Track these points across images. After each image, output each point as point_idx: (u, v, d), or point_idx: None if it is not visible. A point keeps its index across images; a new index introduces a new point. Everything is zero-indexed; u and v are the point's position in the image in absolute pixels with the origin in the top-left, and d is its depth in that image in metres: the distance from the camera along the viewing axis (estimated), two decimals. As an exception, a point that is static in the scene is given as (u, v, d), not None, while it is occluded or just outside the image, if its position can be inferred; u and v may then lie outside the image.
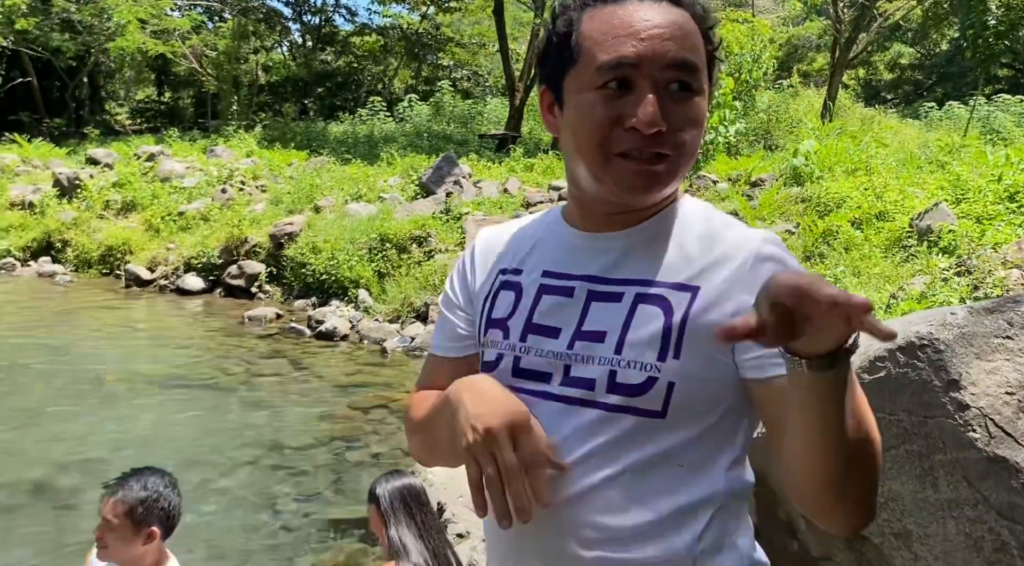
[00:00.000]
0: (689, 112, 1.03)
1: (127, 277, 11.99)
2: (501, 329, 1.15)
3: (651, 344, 1.03)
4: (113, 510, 2.13)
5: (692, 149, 1.04)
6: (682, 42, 1.02)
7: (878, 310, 5.72)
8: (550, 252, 1.17)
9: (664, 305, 1.04)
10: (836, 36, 18.54)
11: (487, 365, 1.16)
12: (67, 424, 6.13)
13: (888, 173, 9.54)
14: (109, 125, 26.41)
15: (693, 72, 1.03)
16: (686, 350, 1.02)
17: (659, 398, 1.02)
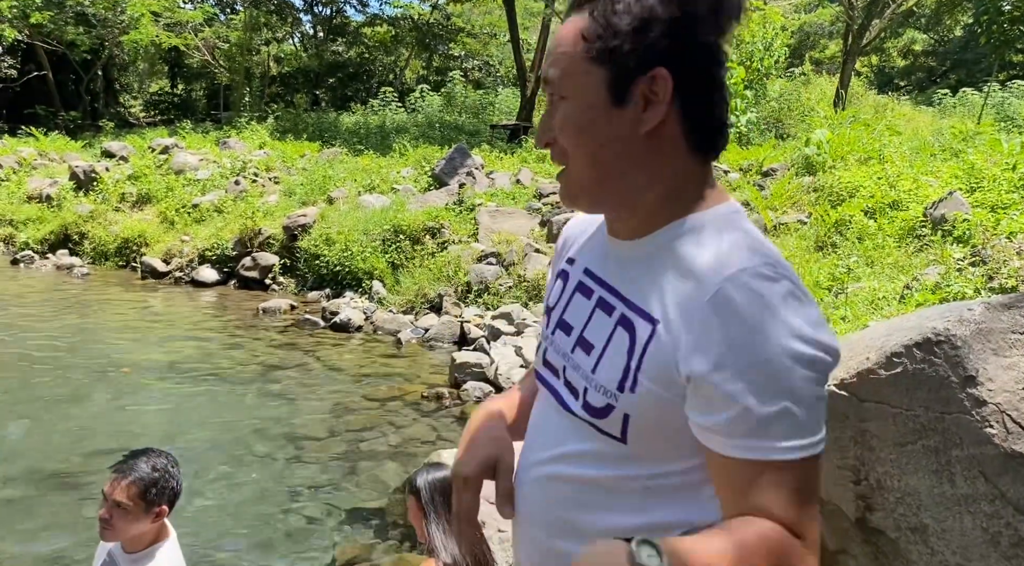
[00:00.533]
0: (556, 120, 1.04)
1: (143, 269, 12.09)
2: (548, 316, 1.23)
3: (615, 372, 1.03)
4: (127, 492, 2.18)
5: (576, 151, 1.02)
6: (552, 56, 1.04)
7: (892, 300, 5.71)
8: (595, 250, 1.19)
9: (631, 333, 1.02)
10: (849, 23, 18.39)
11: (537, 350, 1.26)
12: (85, 415, 6.21)
13: (902, 161, 9.48)
14: (123, 117, 26.56)
15: (551, 84, 1.04)
16: (641, 387, 1.00)
17: (616, 426, 1.03)
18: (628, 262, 1.08)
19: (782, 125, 15.44)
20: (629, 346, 1.02)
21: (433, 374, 7.55)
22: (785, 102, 16.11)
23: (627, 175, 1.02)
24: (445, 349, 8.38)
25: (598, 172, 1.03)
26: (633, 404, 1.00)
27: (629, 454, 1.04)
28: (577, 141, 1.02)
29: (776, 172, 10.35)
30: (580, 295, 1.16)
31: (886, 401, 1.90)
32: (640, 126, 1.00)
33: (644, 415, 1.00)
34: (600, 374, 1.04)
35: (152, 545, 2.28)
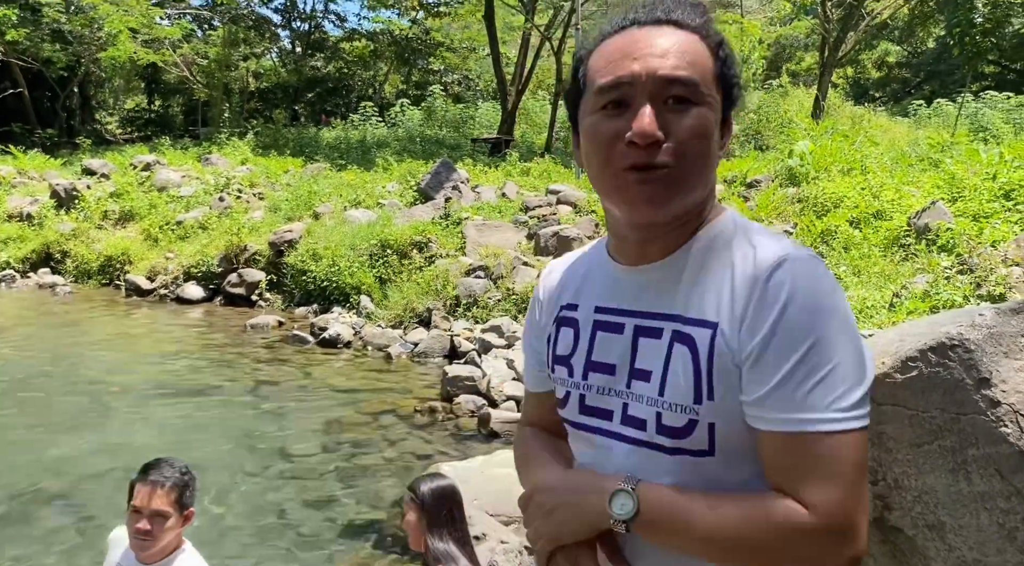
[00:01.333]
0: (688, 122, 1.02)
1: (127, 287, 12.00)
2: (566, 366, 1.19)
3: (686, 386, 1.03)
4: (167, 498, 2.19)
5: (696, 159, 1.03)
6: (679, 58, 1.03)
7: (881, 308, 5.81)
8: (600, 286, 1.19)
9: (691, 344, 1.04)
10: (825, 35, 18.70)
11: (560, 401, 1.21)
12: (73, 435, 6.14)
13: (883, 172, 9.65)
14: (100, 134, 26.35)
15: (690, 86, 1.02)
16: (718, 390, 1.02)
17: (703, 439, 1.04)
18: (661, 283, 1.10)
19: (761, 137, 15.65)
20: (693, 357, 1.04)
21: (425, 388, 7.55)
22: (764, 114, 16.33)
23: (703, 190, 1.08)
24: (435, 363, 8.39)
25: (700, 178, 1.06)
26: (716, 410, 1.02)
27: (717, 466, 1.05)
28: (702, 146, 1.03)
29: (760, 183, 10.49)
30: (606, 333, 1.15)
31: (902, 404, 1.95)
32: (720, 148, 1.09)
33: (728, 419, 1.02)
34: (670, 394, 1.05)
35: (172, 554, 2.28)
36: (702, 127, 1.03)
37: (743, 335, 1.00)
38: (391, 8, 25.44)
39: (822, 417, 0.96)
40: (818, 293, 0.99)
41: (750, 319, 1.00)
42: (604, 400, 1.14)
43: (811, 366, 0.96)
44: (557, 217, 10.91)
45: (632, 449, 1.10)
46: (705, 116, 1.03)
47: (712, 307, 1.04)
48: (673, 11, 1.07)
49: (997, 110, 16.10)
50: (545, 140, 18.67)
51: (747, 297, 1.01)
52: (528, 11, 18.76)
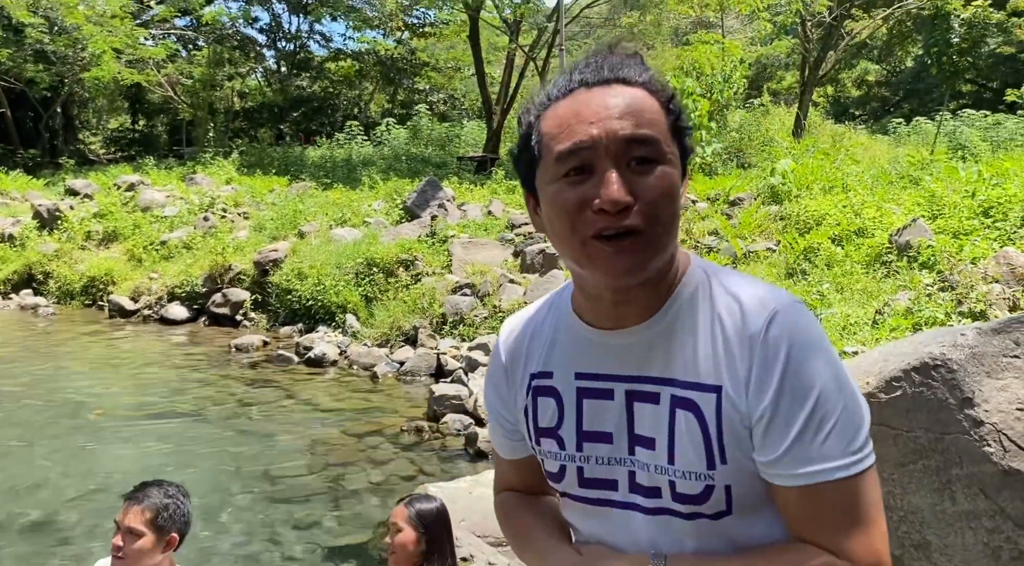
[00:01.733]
0: (655, 182, 0.99)
1: (110, 308, 11.91)
2: (555, 439, 1.14)
3: (697, 454, 1.03)
4: (140, 517, 2.17)
5: (667, 220, 1.00)
6: (636, 117, 1.00)
7: (864, 325, 5.86)
8: (575, 352, 1.14)
9: (696, 411, 1.03)
10: (805, 55, 18.95)
11: (552, 475, 1.17)
12: (56, 459, 6.08)
13: (864, 190, 9.76)
14: (83, 154, 26.21)
15: (650, 145, 1.00)
16: (730, 453, 1.02)
17: (721, 500, 1.04)
18: (647, 346, 1.07)
19: (744, 154, 15.77)
20: (700, 423, 1.02)
21: (411, 408, 7.52)
22: (746, 132, 16.47)
23: (675, 243, 1.06)
24: (422, 382, 8.36)
25: (673, 236, 1.03)
26: (730, 473, 1.02)
27: (735, 523, 1.05)
28: (670, 208, 1.01)
29: (743, 201, 10.58)
30: (594, 400, 1.11)
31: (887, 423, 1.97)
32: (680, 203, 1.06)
33: (742, 478, 1.03)
34: (681, 462, 1.04)
35: None
36: (668, 186, 1.00)
37: (751, 398, 1.00)
38: (376, 29, 25.54)
39: (840, 464, 0.98)
40: (813, 342, 1.00)
41: (755, 380, 1.00)
42: (606, 470, 1.11)
43: (822, 416, 0.97)
44: (543, 235, 10.94)
45: (647, 518, 1.08)
46: (669, 174, 1.01)
47: (710, 369, 1.03)
48: (619, 69, 1.05)
49: (975, 128, 16.34)
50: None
51: (748, 358, 1.00)
52: (512, 32, 18.91)
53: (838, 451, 0.97)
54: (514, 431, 1.23)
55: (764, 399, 0.99)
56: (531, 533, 1.23)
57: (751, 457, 1.02)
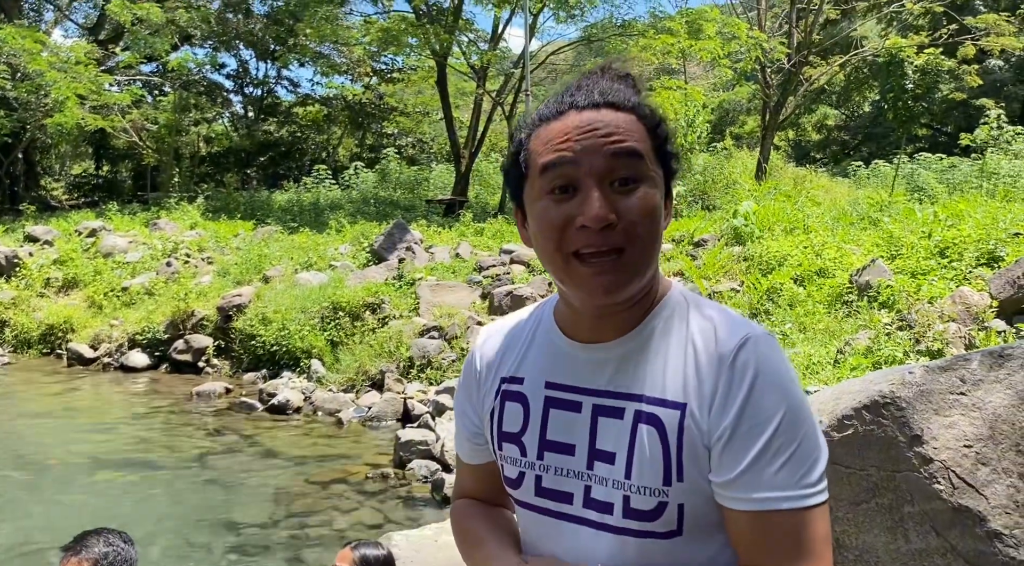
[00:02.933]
0: (638, 202, 1.02)
1: (69, 356, 11.63)
2: (517, 444, 1.15)
3: (654, 469, 1.03)
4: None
5: (649, 239, 1.03)
6: (621, 136, 1.03)
7: (827, 364, 5.91)
8: (549, 361, 1.15)
9: (659, 426, 1.04)
10: (765, 100, 19.41)
11: (510, 481, 1.17)
12: (12, 510, 5.89)
13: (824, 231, 9.94)
14: (45, 201, 25.84)
15: (634, 161, 1.02)
16: (687, 471, 1.02)
17: (673, 519, 1.04)
18: (619, 362, 1.09)
19: (708, 197, 16.02)
20: (661, 438, 1.03)
21: (377, 454, 7.41)
22: (709, 175, 16.76)
23: (656, 265, 1.09)
24: (388, 427, 8.25)
25: (653, 257, 1.06)
26: (685, 491, 1.03)
27: (684, 545, 1.05)
28: (652, 228, 1.03)
29: (707, 242, 10.71)
30: (561, 411, 1.12)
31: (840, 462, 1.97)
32: (665, 224, 1.09)
33: (696, 498, 1.03)
34: (638, 477, 1.04)
35: None
36: (650, 207, 1.03)
37: (713, 417, 1.01)
38: (344, 74, 25.73)
39: (793, 495, 0.98)
40: (780, 373, 1.02)
41: (719, 400, 1.01)
42: (563, 482, 1.11)
43: (779, 446, 0.99)
44: (511, 276, 10.96)
45: (597, 534, 1.08)
46: (651, 195, 1.04)
47: (678, 387, 1.05)
48: (608, 93, 1.08)
49: (931, 171, 16.79)
50: (499, 201, 18.89)
51: (715, 378, 1.02)
52: (479, 78, 19.16)
53: (791, 482, 0.98)
54: (478, 434, 1.24)
55: (725, 420, 1.00)
56: (481, 540, 1.23)
57: (707, 478, 1.02)
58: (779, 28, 20.85)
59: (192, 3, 24.30)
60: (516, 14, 18.66)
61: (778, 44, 18.53)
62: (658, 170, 1.07)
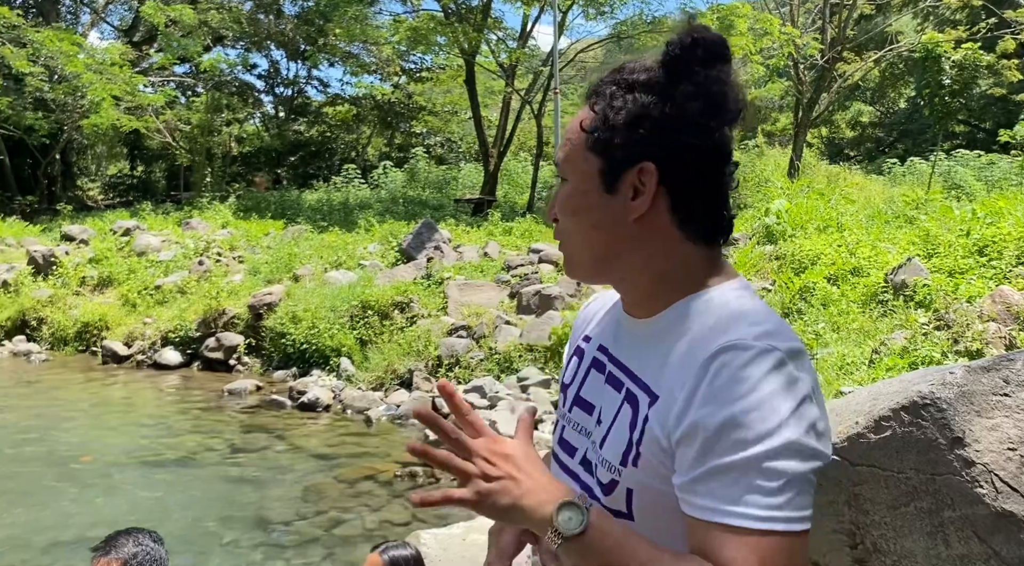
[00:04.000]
0: (559, 200, 1.13)
1: (103, 353, 11.81)
2: (565, 395, 1.24)
3: (618, 448, 1.04)
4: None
5: (572, 232, 1.12)
6: (561, 141, 1.14)
7: (861, 365, 5.80)
8: (609, 327, 1.22)
9: (635, 408, 1.04)
10: (798, 97, 19.18)
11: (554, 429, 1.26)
12: (45, 506, 5.98)
13: (859, 229, 9.77)
14: (81, 201, 26.34)
15: (559, 167, 1.13)
16: (643, 460, 1.00)
17: (621, 501, 1.03)
18: (640, 340, 1.11)
19: (739, 195, 15.87)
20: (632, 420, 1.04)
21: (405, 452, 7.42)
22: (740, 173, 16.51)
23: (621, 256, 1.09)
24: (417, 426, 8.26)
25: (591, 251, 1.11)
26: (636, 479, 1.01)
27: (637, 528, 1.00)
28: (572, 221, 1.11)
29: (738, 241, 10.59)
30: (595, 371, 1.18)
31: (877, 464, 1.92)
32: (629, 213, 1.06)
33: (646, 490, 1.01)
34: (606, 449, 1.06)
35: None
36: (563, 202, 1.12)
37: (675, 416, 0.97)
38: (373, 74, 25.87)
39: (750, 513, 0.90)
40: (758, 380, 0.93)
41: (683, 401, 0.96)
42: (576, 438, 1.16)
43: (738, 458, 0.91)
44: (539, 276, 10.93)
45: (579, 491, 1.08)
46: (567, 192, 1.11)
47: (659, 378, 1.03)
48: (589, 85, 1.15)
49: (969, 168, 16.48)
50: (527, 200, 18.87)
51: (688, 378, 0.97)
52: (508, 76, 19.14)
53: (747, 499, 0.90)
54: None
55: (684, 422, 0.95)
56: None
57: (664, 474, 0.98)
58: (812, 24, 20.59)
59: (224, 4, 24.59)
60: (545, 12, 18.62)
61: (811, 40, 18.30)
62: (585, 164, 1.08)
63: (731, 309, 1.03)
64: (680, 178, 1.05)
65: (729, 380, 0.93)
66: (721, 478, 0.91)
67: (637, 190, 1.05)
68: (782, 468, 0.90)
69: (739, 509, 0.90)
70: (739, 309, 1.03)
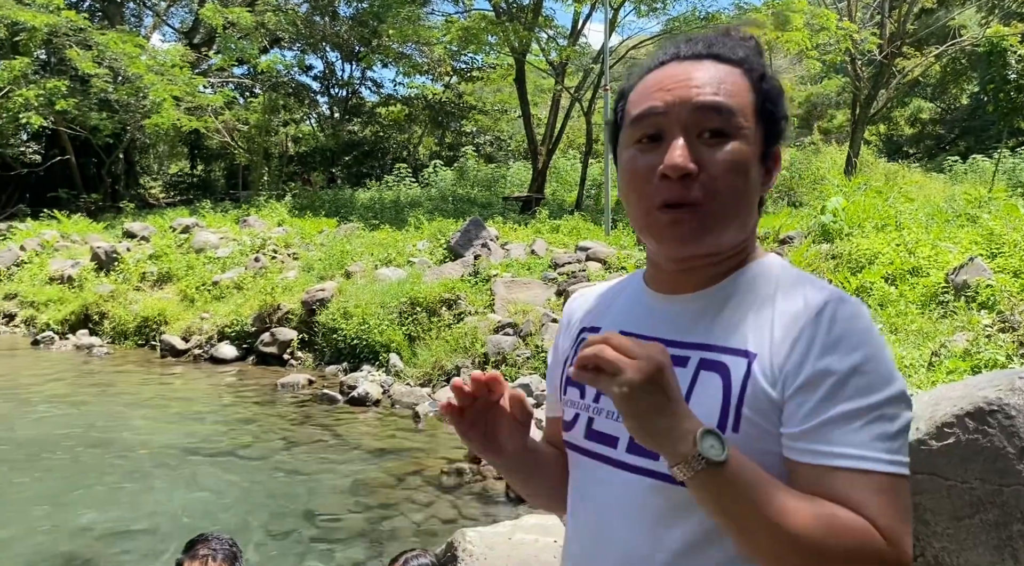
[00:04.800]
0: (722, 156, 1.01)
1: (162, 347, 12.13)
2: (579, 388, 1.17)
3: (710, 415, 1.00)
4: None
5: (730, 195, 1.02)
6: (714, 87, 1.03)
7: (920, 368, 5.63)
8: (628, 312, 1.18)
9: (723, 372, 1.02)
10: (856, 93, 18.73)
11: (565, 424, 1.19)
12: (105, 496, 6.14)
13: (918, 228, 9.50)
14: (144, 199, 27.10)
15: (724, 115, 1.02)
16: (745, 423, 0.99)
17: None
18: (696, 313, 1.09)
19: (794, 193, 15.59)
20: (724, 386, 1.01)
21: (453, 448, 7.44)
22: (796, 171, 16.29)
23: (740, 229, 1.07)
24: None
25: (736, 214, 1.05)
26: (737, 442, 0.98)
27: None
28: (737, 181, 1.03)
29: (793, 240, 10.38)
30: None
31: (939, 473, 1.85)
32: (763, 184, 1.09)
33: (751, 454, 0.98)
34: None
35: None
36: (737, 162, 1.02)
37: (790, 369, 0.98)
38: (425, 74, 26.07)
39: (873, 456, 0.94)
40: (869, 331, 0.98)
41: (799, 352, 0.98)
42: (611, 425, 1.11)
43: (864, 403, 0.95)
44: (586, 274, 10.87)
45: (636, 479, 1.05)
46: (741, 150, 1.02)
47: (750, 338, 1.03)
48: (714, 45, 1.08)
49: (1035, 165, 15.90)
50: (575, 197, 18.80)
51: (797, 331, 0.99)
52: (558, 74, 19.09)
53: (871, 442, 0.94)
54: (557, 387, 1.28)
55: (803, 372, 0.97)
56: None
57: (771, 431, 0.99)
58: (870, 18, 20.08)
59: (280, 6, 25.03)
60: (596, 9, 18.50)
61: (869, 35, 17.85)
62: (754, 127, 1.05)
63: (793, 272, 1.09)
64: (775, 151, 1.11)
65: (846, 330, 0.97)
66: (848, 423, 0.94)
67: (777, 163, 1.11)
68: (899, 414, 0.95)
69: (869, 453, 0.94)
70: (799, 272, 1.10)
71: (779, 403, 0.99)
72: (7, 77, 20.13)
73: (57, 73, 22.06)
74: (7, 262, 16.18)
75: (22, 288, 15.04)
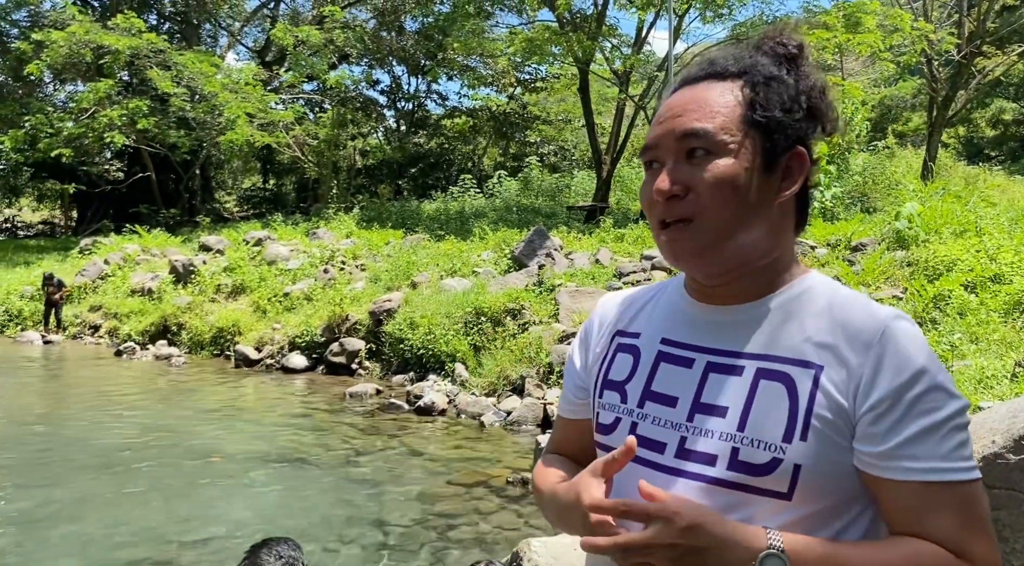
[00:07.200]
0: (706, 173, 1.05)
1: (236, 357, 12.48)
2: (619, 392, 1.18)
3: (776, 424, 1.02)
4: None
5: (719, 208, 1.05)
6: (696, 112, 1.07)
7: (1002, 378, 5.39)
8: (669, 319, 1.19)
9: (788, 382, 1.04)
10: (932, 95, 18.12)
11: (603, 427, 1.19)
12: (178, 502, 6.32)
13: (1000, 234, 9.11)
14: (219, 213, 28.05)
15: (702, 137, 1.06)
16: (813, 432, 1.01)
17: (785, 480, 1.01)
18: (745, 324, 1.11)
19: (868, 199, 15.12)
20: (790, 396, 1.03)
21: (517, 458, 7.45)
22: (870, 176, 15.81)
23: (757, 240, 1.09)
24: (528, 432, 8.29)
25: (735, 231, 1.07)
26: (804, 452, 1.01)
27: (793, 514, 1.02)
28: (726, 197, 1.05)
29: (866, 247, 10.08)
30: (671, 365, 1.15)
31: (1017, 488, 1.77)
32: (777, 195, 1.09)
33: (817, 462, 1.01)
34: (753, 430, 1.04)
35: None
36: (721, 176, 1.05)
37: (862, 386, 1.01)
38: (489, 86, 26.30)
39: (954, 467, 0.99)
40: (927, 347, 1.03)
41: (869, 373, 1.01)
42: (658, 431, 1.11)
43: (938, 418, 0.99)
44: (652, 283, 10.76)
45: (687, 483, 1.06)
46: (726, 164, 1.05)
47: (810, 351, 1.05)
48: (716, 62, 1.11)
49: None
50: (640, 207, 18.64)
51: (863, 349, 1.02)
52: (622, 83, 19.01)
53: (951, 454, 0.99)
54: (581, 389, 1.28)
55: (876, 392, 1.00)
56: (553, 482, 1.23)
57: (839, 443, 1.02)
58: (947, 17, 19.40)
59: (349, 23, 25.60)
60: (661, 17, 18.38)
61: (946, 35, 17.25)
62: (745, 138, 1.06)
63: (844, 292, 1.10)
64: (813, 165, 1.12)
65: (913, 349, 1.01)
66: (930, 437, 0.99)
67: (790, 173, 1.10)
68: (966, 423, 1.01)
69: (952, 464, 0.99)
70: (851, 290, 1.12)
71: (851, 416, 1.01)
72: (93, 98, 21.13)
73: (138, 93, 23.04)
74: (93, 275, 16.94)
75: (106, 300, 15.73)
